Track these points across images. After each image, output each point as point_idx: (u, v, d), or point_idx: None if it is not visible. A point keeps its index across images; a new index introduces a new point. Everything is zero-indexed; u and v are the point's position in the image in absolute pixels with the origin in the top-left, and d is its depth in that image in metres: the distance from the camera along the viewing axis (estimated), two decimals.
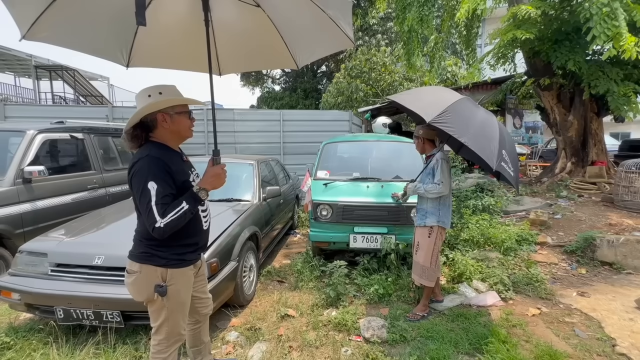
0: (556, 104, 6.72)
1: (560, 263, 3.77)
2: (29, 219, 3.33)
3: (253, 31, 1.98)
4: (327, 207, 3.51)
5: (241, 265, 2.80)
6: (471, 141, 2.15)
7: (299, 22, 1.89)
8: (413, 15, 6.02)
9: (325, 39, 1.96)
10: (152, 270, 1.48)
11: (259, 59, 2.20)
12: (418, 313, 2.73)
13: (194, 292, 1.72)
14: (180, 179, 1.48)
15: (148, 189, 1.36)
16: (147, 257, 1.49)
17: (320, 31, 1.88)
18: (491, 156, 2.18)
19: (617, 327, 2.56)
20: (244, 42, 2.07)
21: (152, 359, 1.57)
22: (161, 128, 1.49)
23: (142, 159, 1.41)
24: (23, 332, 2.45)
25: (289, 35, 1.98)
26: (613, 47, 4.12)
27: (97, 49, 1.82)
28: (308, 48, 2.10)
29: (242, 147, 7.01)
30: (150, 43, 1.90)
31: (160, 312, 1.52)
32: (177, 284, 1.52)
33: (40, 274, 2.36)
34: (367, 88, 12.45)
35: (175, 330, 1.57)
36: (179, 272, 1.53)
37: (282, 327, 2.60)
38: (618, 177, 5.10)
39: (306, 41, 2.04)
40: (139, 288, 1.51)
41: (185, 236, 1.52)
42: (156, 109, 1.45)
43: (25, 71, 14.76)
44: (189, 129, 1.55)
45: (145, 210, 1.38)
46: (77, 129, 4.12)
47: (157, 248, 1.48)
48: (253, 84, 20.90)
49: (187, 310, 1.62)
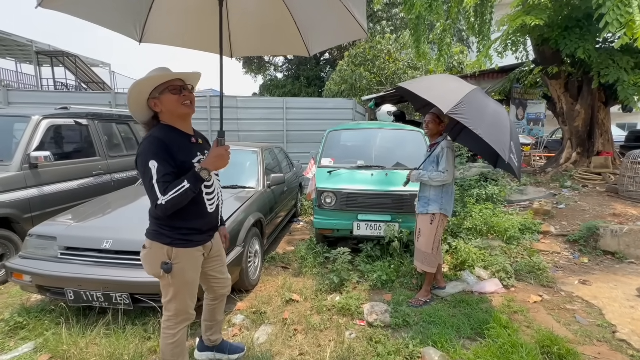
0: (563, 93, 6.62)
1: (562, 252, 3.79)
2: (36, 203, 3.37)
3: (267, 15, 1.96)
4: (331, 194, 3.52)
5: (246, 251, 2.84)
6: (486, 133, 2.12)
7: (314, 9, 1.87)
8: (422, 1, 5.87)
9: (339, 27, 1.93)
10: (160, 248, 1.54)
11: (271, 43, 2.19)
12: (420, 299, 2.77)
13: (211, 272, 1.80)
14: (181, 158, 1.50)
15: (150, 168, 1.41)
16: (155, 235, 1.56)
17: (334, 19, 1.85)
18: (504, 148, 2.15)
19: (618, 315, 2.59)
20: (258, 25, 2.05)
21: (163, 333, 1.66)
22: (160, 113, 1.54)
23: (145, 140, 1.48)
24: (35, 313, 2.52)
25: (302, 21, 1.96)
26: (625, 35, 4.02)
27: (112, 22, 1.79)
28: (321, 36, 2.07)
29: (245, 135, 6.99)
30: (164, 20, 1.87)
31: (168, 289, 1.59)
32: (182, 263, 1.57)
33: (50, 257, 2.40)
34: (371, 76, 12.29)
35: (182, 309, 1.62)
36: (185, 252, 1.58)
37: (286, 311, 2.65)
38: (624, 168, 5.06)
39: (319, 29, 2.01)
40: (149, 262, 1.59)
41: (187, 218, 1.56)
42: (143, 100, 1.50)
43: (26, 57, 14.66)
44: (178, 103, 1.51)
45: (148, 188, 1.44)
46: (82, 115, 4.12)
47: (164, 227, 1.54)
48: (255, 71, 20.63)
49: (194, 291, 1.67)
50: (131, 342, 2.17)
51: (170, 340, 1.63)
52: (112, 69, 17.25)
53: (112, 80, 17.00)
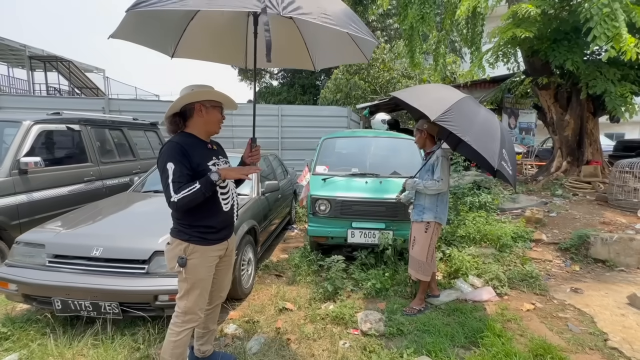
0: (553, 103, 6.77)
1: (554, 260, 3.83)
2: (25, 210, 3.30)
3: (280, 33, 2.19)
4: (326, 202, 3.52)
5: (239, 258, 2.80)
6: (474, 140, 2.15)
7: (322, 34, 2.10)
8: (414, 13, 5.99)
9: (344, 51, 2.24)
10: (178, 244, 1.69)
11: (282, 57, 2.44)
12: (415, 307, 2.76)
13: (216, 274, 1.85)
14: (197, 161, 1.65)
15: (167, 169, 1.58)
16: (176, 233, 1.71)
17: (341, 46, 2.14)
18: (493, 155, 2.19)
19: (609, 322, 2.61)
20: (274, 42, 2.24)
21: (169, 329, 1.73)
22: (196, 117, 1.70)
23: (166, 144, 1.66)
24: (20, 323, 2.45)
25: (311, 42, 2.24)
26: (613, 48, 4.14)
27: (158, 44, 2.09)
28: (326, 55, 2.37)
29: (240, 141, 6.99)
30: (194, 37, 2.16)
31: (182, 284, 1.70)
32: (196, 260, 1.68)
33: (38, 265, 2.34)
34: (366, 85, 12.42)
35: (191, 307, 1.70)
36: (200, 249, 1.69)
37: (280, 320, 2.61)
38: (612, 177, 5.16)
39: (325, 49, 2.30)
40: (169, 257, 1.72)
41: (204, 217, 1.70)
42: (196, 99, 1.68)
43: (19, 62, 14.49)
44: (218, 123, 1.76)
45: (164, 187, 1.60)
46: (74, 121, 4.08)
47: (183, 226, 1.70)
48: (251, 79, 20.73)
49: (204, 291, 1.74)
50: (120, 353, 2.12)
51: (172, 338, 1.69)
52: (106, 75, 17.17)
53: (106, 85, 16.90)
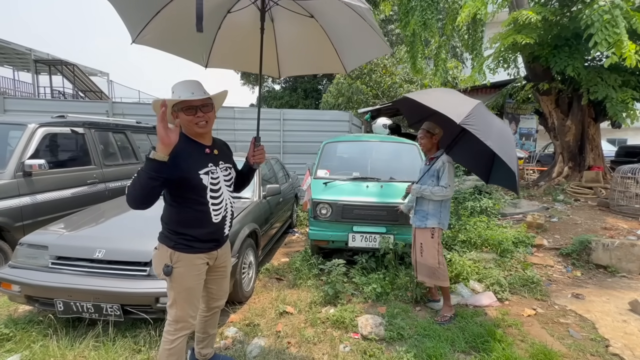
0: (554, 109, 6.78)
1: (555, 265, 3.82)
2: (28, 212, 3.33)
3: (308, 38, 2.22)
4: (327, 205, 3.54)
5: (240, 261, 2.82)
6: (495, 145, 2.10)
7: (346, 29, 2.09)
8: (416, 19, 6.04)
9: (368, 45, 2.17)
10: (164, 250, 1.62)
11: (312, 63, 2.46)
12: (446, 314, 2.71)
13: (210, 284, 1.81)
14: (186, 166, 1.55)
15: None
16: (162, 238, 1.66)
17: (363, 38, 2.07)
18: (512, 160, 2.16)
19: (611, 328, 2.60)
20: (300, 48, 2.35)
21: (163, 337, 1.68)
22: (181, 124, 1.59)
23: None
24: (22, 324, 2.46)
25: (338, 42, 2.20)
26: (614, 54, 4.16)
27: (189, 53, 2.18)
28: (355, 53, 2.32)
29: (242, 145, 7.02)
30: (224, 48, 2.24)
31: (170, 292, 1.64)
32: (181, 268, 1.61)
33: (41, 266, 2.36)
34: (368, 89, 12.48)
35: (181, 315, 1.63)
36: (185, 257, 1.62)
37: (280, 324, 2.62)
38: (614, 182, 5.16)
39: (353, 47, 2.26)
40: (155, 262, 1.67)
41: (189, 225, 1.62)
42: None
43: (24, 65, 14.68)
44: (191, 124, 1.59)
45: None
46: (78, 124, 4.12)
47: (169, 232, 1.63)
48: (253, 82, 20.85)
49: (193, 299, 1.67)
50: (121, 355, 2.13)
51: (167, 346, 1.65)
52: (110, 78, 17.32)
53: (110, 89, 17.05)
